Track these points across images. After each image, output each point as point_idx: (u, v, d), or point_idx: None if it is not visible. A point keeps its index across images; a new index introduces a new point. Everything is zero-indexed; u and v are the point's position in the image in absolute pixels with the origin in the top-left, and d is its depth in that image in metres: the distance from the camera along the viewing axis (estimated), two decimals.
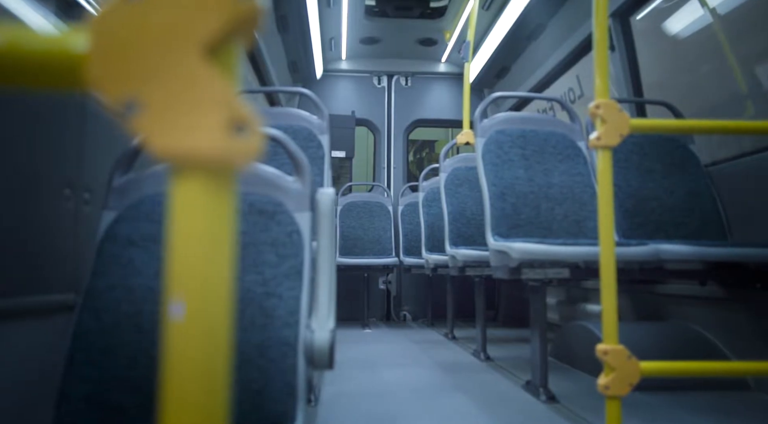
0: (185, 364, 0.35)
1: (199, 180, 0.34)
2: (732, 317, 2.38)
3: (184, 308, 0.35)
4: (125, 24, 0.33)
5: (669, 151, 2.57)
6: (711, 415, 1.90)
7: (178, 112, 0.33)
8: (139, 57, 0.33)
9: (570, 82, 4.27)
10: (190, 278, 0.35)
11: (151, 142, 0.33)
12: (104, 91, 0.33)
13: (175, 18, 0.33)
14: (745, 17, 3.40)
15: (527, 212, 2.40)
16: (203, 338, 0.36)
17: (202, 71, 0.33)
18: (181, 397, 0.35)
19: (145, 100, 0.33)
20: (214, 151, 0.33)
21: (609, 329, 1.49)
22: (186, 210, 0.34)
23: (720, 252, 1.96)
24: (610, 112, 1.48)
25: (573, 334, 2.86)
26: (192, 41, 0.33)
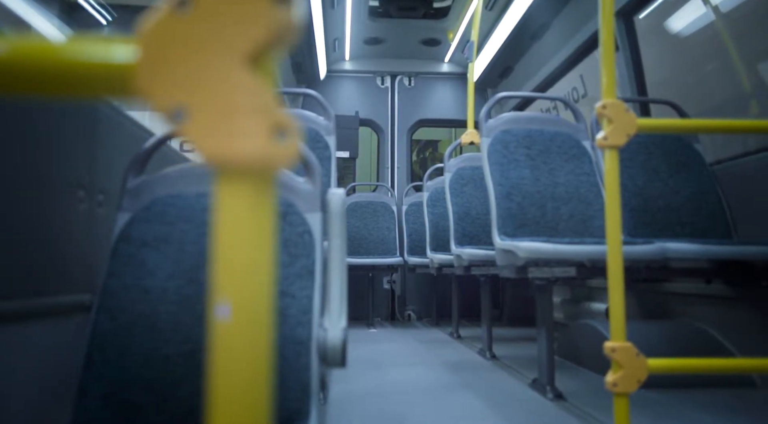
0: (231, 363, 0.37)
1: (243, 182, 0.35)
2: (738, 315, 2.39)
3: (230, 309, 0.37)
4: (172, 36, 0.35)
5: (674, 151, 2.58)
6: (718, 412, 1.91)
7: (223, 118, 0.34)
8: (186, 67, 0.34)
9: (574, 81, 4.29)
10: (234, 279, 0.37)
11: (199, 146, 0.34)
12: (153, 99, 0.34)
13: (219, 30, 0.35)
14: (749, 16, 3.41)
15: (533, 211, 2.41)
16: (248, 337, 0.37)
17: (244, 80, 0.35)
18: (228, 394, 0.37)
19: (192, 108, 0.34)
20: (257, 155, 0.34)
21: (617, 326, 1.51)
22: (230, 211, 0.36)
23: (725, 250, 1.98)
24: (617, 112, 1.49)
25: (579, 333, 2.87)
26: (235, 52, 0.35)
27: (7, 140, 1.15)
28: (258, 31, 0.35)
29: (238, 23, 0.35)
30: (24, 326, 1.20)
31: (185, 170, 1.45)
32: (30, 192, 1.22)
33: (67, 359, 1.28)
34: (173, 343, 1.25)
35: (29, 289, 1.21)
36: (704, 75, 3.91)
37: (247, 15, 0.35)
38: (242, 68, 0.35)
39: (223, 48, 0.35)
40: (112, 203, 1.51)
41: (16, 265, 1.17)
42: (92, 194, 1.46)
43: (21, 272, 1.19)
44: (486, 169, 2.47)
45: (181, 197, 1.37)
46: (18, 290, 1.18)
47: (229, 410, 0.37)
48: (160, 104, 0.34)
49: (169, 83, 0.34)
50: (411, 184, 5.46)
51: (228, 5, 0.35)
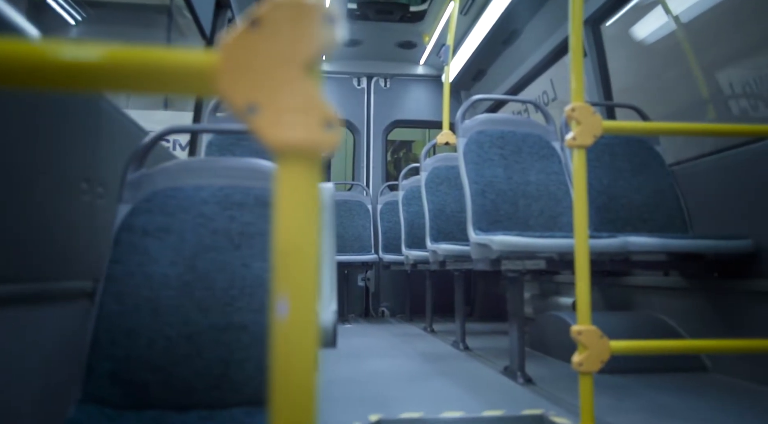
0: (291, 354, 0.47)
1: (299, 164, 0.46)
2: (692, 304, 2.57)
3: (288, 305, 0.46)
4: (246, 48, 0.45)
5: (636, 152, 2.76)
6: (672, 393, 2.07)
7: (286, 113, 0.45)
8: (256, 73, 0.45)
9: (544, 85, 4.46)
10: (291, 255, 0.47)
11: (266, 136, 0.45)
12: (231, 97, 0.45)
13: (282, 44, 0.45)
14: (706, 26, 3.62)
15: (506, 208, 2.55)
16: (304, 326, 0.47)
17: (302, 83, 0.45)
18: (288, 380, 0.47)
19: (261, 105, 0.45)
20: (312, 142, 0.45)
21: (583, 311, 1.64)
22: (289, 189, 0.46)
23: (682, 244, 2.14)
24: (585, 114, 1.62)
25: (547, 324, 3.03)
26: (295, 61, 0.45)
27: (18, 136, 1.22)
28: (312, 45, 0.45)
29: (297, 39, 0.45)
30: (30, 309, 1.27)
31: (183, 164, 1.53)
32: (37, 184, 1.29)
33: (71, 340, 1.36)
34: (175, 325, 1.33)
35: (32, 274, 1.28)
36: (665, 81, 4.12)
37: (304, 33, 0.45)
38: (300, 74, 0.45)
39: (286, 58, 0.45)
40: (111, 195, 1.58)
41: (23, 251, 1.24)
42: (94, 187, 1.53)
43: (27, 259, 1.26)
44: (462, 168, 2.59)
45: (180, 190, 1.46)
46: (24, 275, 1.24)
47: (288, 397, 0.47)
48: (236, 101, 0.45)
49: (243, 85, 0.45)
50: (386, 183, 5.58)
51: (289, 25, 0.45)
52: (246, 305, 1.36)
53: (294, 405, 0.47)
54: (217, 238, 1.42)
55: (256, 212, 1.46)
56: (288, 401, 0.47)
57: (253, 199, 1.46)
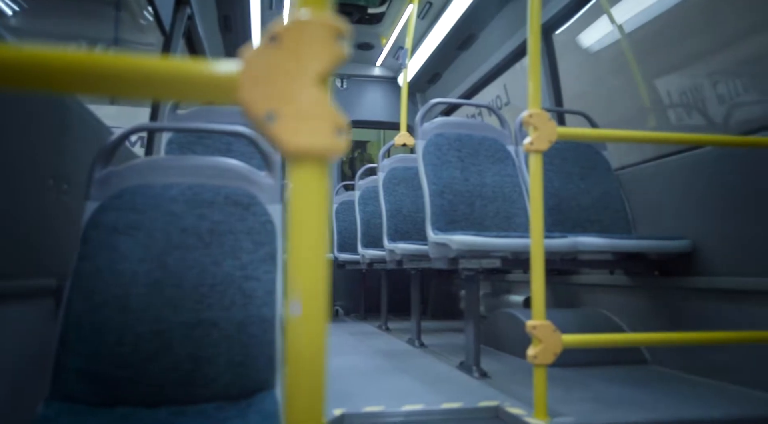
0: (303, 350, 0.51)
1: (313, 168, 0.50)
2: (634, 301, 2.73)
3: (301, 304, 0.51)
4: (265, 61, 0.49)
5: (585, 157, 2.90)
6: (616, 384, 2.21)
7: (302, 121, 0.49)
8: (275, 84, 0.49)
9: (498, 90, 4.61)
10: (303, 255, 0.51)
11: (283, 141, 0.49)
12: (251, 106, 0.49)
13: (299, 58, 0.50)
14: (647, 37, 3.83)
15: (463, 208, 2.64)
16: (316, 321, 0.52)
17: (317, 94, 0.50)
18: (300, 376, 0.51)
19: (279, 113, 0.49)
20: (325, 148, 0.50)
21: (537, 307, 1.74)
22: (302, 190, 0.51)
23: (627, 244, 2.29)
24: (542, 120, 1.72)
25: (500, 321, 3.14)
26: (311, 74, 0.50)
27: None
28: (325, 60, 0.50)
29: (311, 54, 0.50)
30: None
31: (152, 162, 1.54)
32: (2, 181, 1.27)
33: (38, 337, 1.34)
34: (144, 322, 1.34)
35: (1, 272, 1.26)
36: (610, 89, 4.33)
37: (318, 49, 0.50)
38: (314, 86, 0.50)
39: (302, 71, 0.50)
40: (76, 193, 1.56)
41: None
42: (59, 183, 1.51)
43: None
44: (421, 169, 2.66)
45: (150, 187, 1.46)
46: None
47: (301, 390, 0.51)
48: (256, 110, 0.49)
49: (263, 95, 0.49)
50: (341, 183, 5.61)
51: (305, 41, 0.50)
52: (216, 302, 1.38)
53: (307, 394, 0.52)
54: (186, 236, 1.43)
55: (226, 211, 1.48)
56: (301, 390, 0.52)
57: (223, 198, 1.48)
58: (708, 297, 2.29)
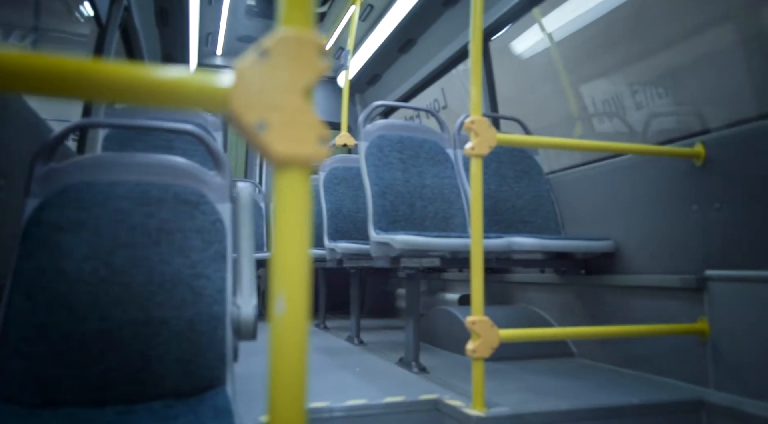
0: (286, 348, 0.56)
1: (298, 173, 0.55)
2: (562, 298, 2.91)
3: (285, 301, 0.55)
4: (256, 74, 0.53)
5: (519, 161, 3.05)
6: (546, 376, 2.35)
7: (290, 130, 0.53)
8: (265, 96, 0.53)
9: (436, 93, 4.73)
10: (287, 258, 0.55)
11: (273, 149, 0.53)
12: (242, 115, 0.53)
13: (286, 72, 0.54)
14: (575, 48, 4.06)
15: (404, 208, 2.71)
16: (298, 320, 0.56)
17: (303, 105, 0.54)
18: (283, 372, 0.55)
19: (269, 123, 0.53)
20: (310, 155, 0.54)
21: (477, 304, 1.83)
22: (288, 194, 0.55)
23: (557, 244, 2.44)
24: (482, 126, 1.82)
25: (437, 318, 3.25)
26: (298, 87, 0.54)
27: None
28: (310, 74, 0.55)
29: (298, 69, 0.54)
30: None
31: (97, 159, 1.51)
32: None
33: None
34: (90, 321, 1.32)
35: None
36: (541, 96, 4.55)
37: (304, 63, 0.54)
38: (301, 98, 0.54)
39: (290, 83, 0.54)
40: (14, 189, 1.51)
41: None
42: None
43: None
44: (363, 170, 2.72)
45: (95, 185, 1.44)
46: None
47: (284, 387, 0.55)
48: (247, 120, 0.53)
49: (254, 105, 0.53)
50: None
51: (293, 56, 0.54)
52: (166, 300, 1.38)
53: (291, 389, 0.56)
54: (134, 234, 1.42)
55: (175, 209, 1.47)
56: (284, 385, 0.56)
57: (173, 196, 1.48)
58: (628, 293, 2.48)
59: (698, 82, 3.20)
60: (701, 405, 1.95)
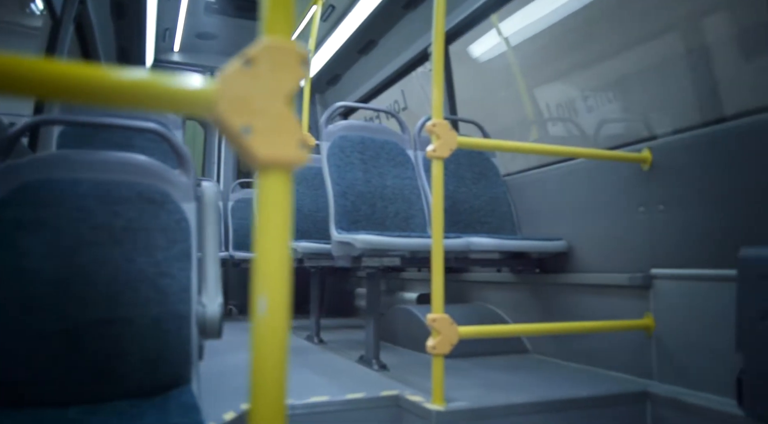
0: (267, 345, 0.59)
1: (280, 175, 0.58)
2: (517, 296, 3.01)
3: (267, 301, 0.58)
4: (240, 81, 0.56)
5: (477, 163, 3.14)
6: (502, 371, 2.43)
7: (273, 135, 0.57)
8: (249, 102, 0.56)
9: (396, 95, 4.79)
10: (270, 256, 0.58)
11: (256, 152, 0.56)
12: (228, 120, 0.55)
13: (269, 80, 0.57)
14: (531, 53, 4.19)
15: (365, 208, 2.75)
16: (280, 319, 0.59)
17: (285, 112, 0.57)
18: (265, 369, 0.58)
19: (253, 128, 0.56)
20: (291, 159, 0.57)
21: (437, 301, 1.89)
22: (270, 196, 0.58)
23: (514, 244, 2.52)
24: (444, 130, 1.87)
25: (397, 317, 3.30)
26: (281, 94, 0.57)
27: None
28: (292, 82, 0.58)
29: (280, 77, 0.57)
30: None
31: (57, 157, 1.49)
32: None
33: None
34: (50, 321, 1.31)
35: None
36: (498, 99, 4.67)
37: (286, 72, 0.58)
38: (283, 104, 0.58)
39: (273, 91, 0.57)
40: None
41: None
42: None
43: None
44: (325, 170, 2.74)
45: (55, 182, 1.42)
46: None
47: (266, 383, 0.58)
48: (232, 124, 0.56)
49: (239, 111, 0.56)
50: (238, 180, 5.53)
51: (276, 65, 0.57)
52: (130, 299, 1.37)
53: (271, 385, 0.59)
54: (97, 233, 1.40)
55: (139, 208, 1.46)
56: (266, 382, 0.59)
57: (137, 194, 1.47)
58: (580, 291, 2.59)
59: (646, 89, 3.36)
60: (646, 396, 2.06)
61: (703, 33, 3.07)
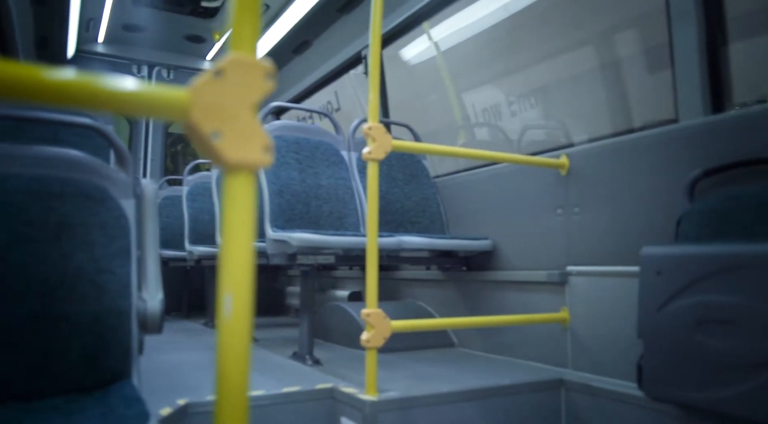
0: (234, 341, 0.65)
1: (245, 177, 0.64)
2: (445, 293, 3.15)
3: (232, 300, 0.65)
4: (211, 90, 0.62)
5: (408, 164, 3.26)
6: (430, 364, 2.56)
7: (240, 139, 0.63)
8: (219, 109, 0.62)
9: (329, 96, 4.85)
10: (235, 254, 0.65)
11: (225, 155, 0.63)
12: (200, 125, 0.62)
13: (237, 90, 0.63)
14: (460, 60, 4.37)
15: (300, 207, 2.80)
16: (243, 318, 0.66)
17: (251, 119, 0.64)
18: (231, 362, 0.65)
19: (223, 132, 0.62)
20: (256, 161, 0.64)
21: (371, 297, 1.98)
22: (236, 196, 0.64)
23: (443, 243, 2.66)
24: (379, 133, 1.96)
25: (329, 314, 3.37)
26: (246, 102, 0.64)
27: None
28: (258, 92, 0.65)
29: (249, 87, 0.64)
30: None
31: None
32: None
33: None
34: None
35: None
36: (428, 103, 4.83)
37: (252, 83, 0.64)
38: (249, 113, 0.64)
39: (241, 100, 0.64)
40: None
41: None
42: None
43: None
44: (261, 169, 2.77)
45: None
46: None
47: (231, 377, 0.65)
48: (203, 129, 0.62)
49: (209, 117, 0.62)
50: (165, 177, 5.40)
51: (242, 77, 0.64)
52: (67, 295, 1.37)
53: (237, 377, 0.65)
54: (32, 229, 1.39)
55: (76, 204, 1.46)
56: (232, 375, 0.65)
57: (73, 190, 1.46)
58: (503, 288, 2.76)
59: (565, 100, 3.61)
60: (561, 383, 2.25)
61: (614, 50, 3.35)
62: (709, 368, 1.62)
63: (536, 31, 3.91)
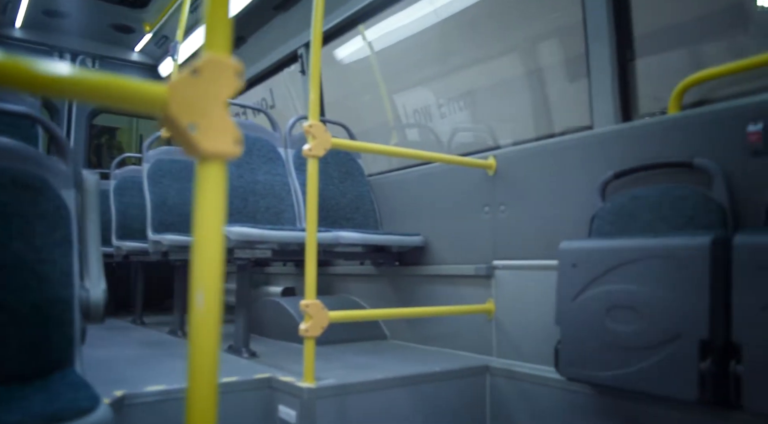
0: (205, 333, 0.72)
1: (218, 167, 0.72)
2: (378, 287, 3.27)
3: (204, 296, 0.71)
4: (188, 87, 0.69)
5: (344, 162, 3.35)
6: (364, 355, 2.66)
7: (213, 132, 0.70)
8: (195, 104, 0.69)
9: (263, 93, 4.85)
10: (206, 253, 0.72)
11: (200, 146, 0.70)
12: (177, 118, 0.68)
13: (211, 87, 0.70)
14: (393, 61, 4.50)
15: (237, 202, 2.83)
16: (213, 310, 0.73)
17: (223, 113, 0.71)
18: (202, 353, 0.72)
19: (198, 125, 0.69)
20: (228, 152, 0.72)
21: (310, 288, 2.05)
22: (208, 185, 0.72)
23: (377, 238, 2.76)
24: (319, 131, 2.04)
25: (264, 308, 3.39)
26: (219, 98, 0.71)
27: None
28: (229, 89, 0.72)
29: (220, 85, 0.71)
30: None
31: None
32: None
33: None
34: None
35: None
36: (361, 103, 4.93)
37: (224, 81, 0.72)
38: (222, 107, 0.71)
39: (213, 96, 0.71)
40: None
41: None
42: None
43: None
44: None
45: None
46: None
47: (202, 368, 0.71)
48: (180, 122, 0.69)
49: (186, 111, 0.69)
50: (89, 170, 5.20)
51: (215, 76, 0.71)
52: (6, 284, 1.36)
53: (207, 368, 0.72)
54: None
55: (13, 193, 1.45)
56: (202, 367, 0.72)
57: (10, 179, 1.45)
58: (434, 281, 2.91)
59: (492, 104, 3.81)
60: (486, 369, 2.41)
61: (538, 58, 3.57)
62: (615, 350, 1.81)
63: (465, 37, 4.09)
